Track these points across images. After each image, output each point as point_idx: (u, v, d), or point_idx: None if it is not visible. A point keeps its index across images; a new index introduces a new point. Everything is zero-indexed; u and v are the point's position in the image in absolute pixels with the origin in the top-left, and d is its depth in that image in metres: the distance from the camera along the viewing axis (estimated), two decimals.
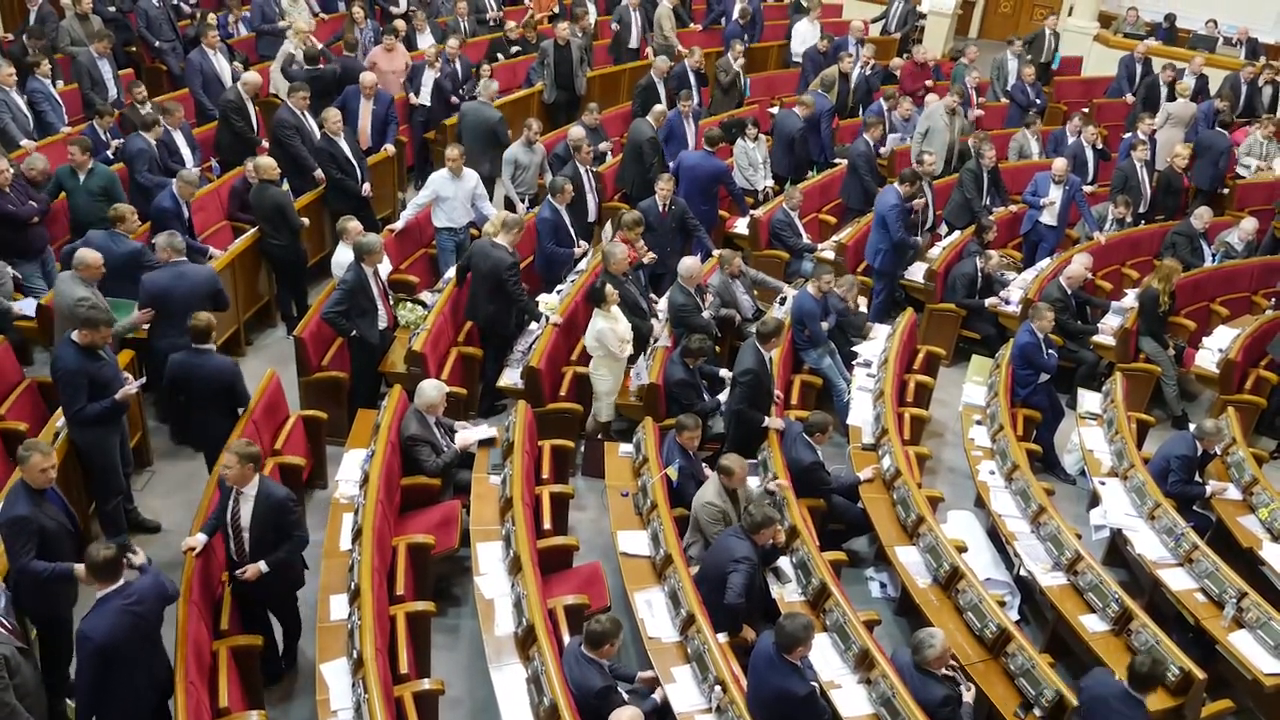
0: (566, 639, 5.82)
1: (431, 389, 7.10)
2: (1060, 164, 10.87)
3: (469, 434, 7.38)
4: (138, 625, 5.05)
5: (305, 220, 9.20)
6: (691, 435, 7.12)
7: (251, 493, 5.70)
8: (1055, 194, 10.82)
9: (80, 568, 5.34)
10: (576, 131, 10.20)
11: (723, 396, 8.04)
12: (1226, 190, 12.66)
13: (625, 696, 5.48)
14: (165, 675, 5.28)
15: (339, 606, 5.91)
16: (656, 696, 5.60)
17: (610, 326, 7.93)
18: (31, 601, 5.63)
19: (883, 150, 11.98)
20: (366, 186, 9.70)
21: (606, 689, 5.36)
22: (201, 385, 6.81)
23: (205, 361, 6.79)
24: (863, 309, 9.61)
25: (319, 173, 9.93)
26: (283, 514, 5.76)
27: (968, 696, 5.73)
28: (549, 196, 9.29)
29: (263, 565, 5.75)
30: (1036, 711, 5.75)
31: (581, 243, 9.52)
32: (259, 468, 5.75)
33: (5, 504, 5.53)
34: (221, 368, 6.87)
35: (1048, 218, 10.93)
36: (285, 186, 9.25)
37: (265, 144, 10.08)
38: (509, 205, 10.47)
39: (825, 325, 8.83)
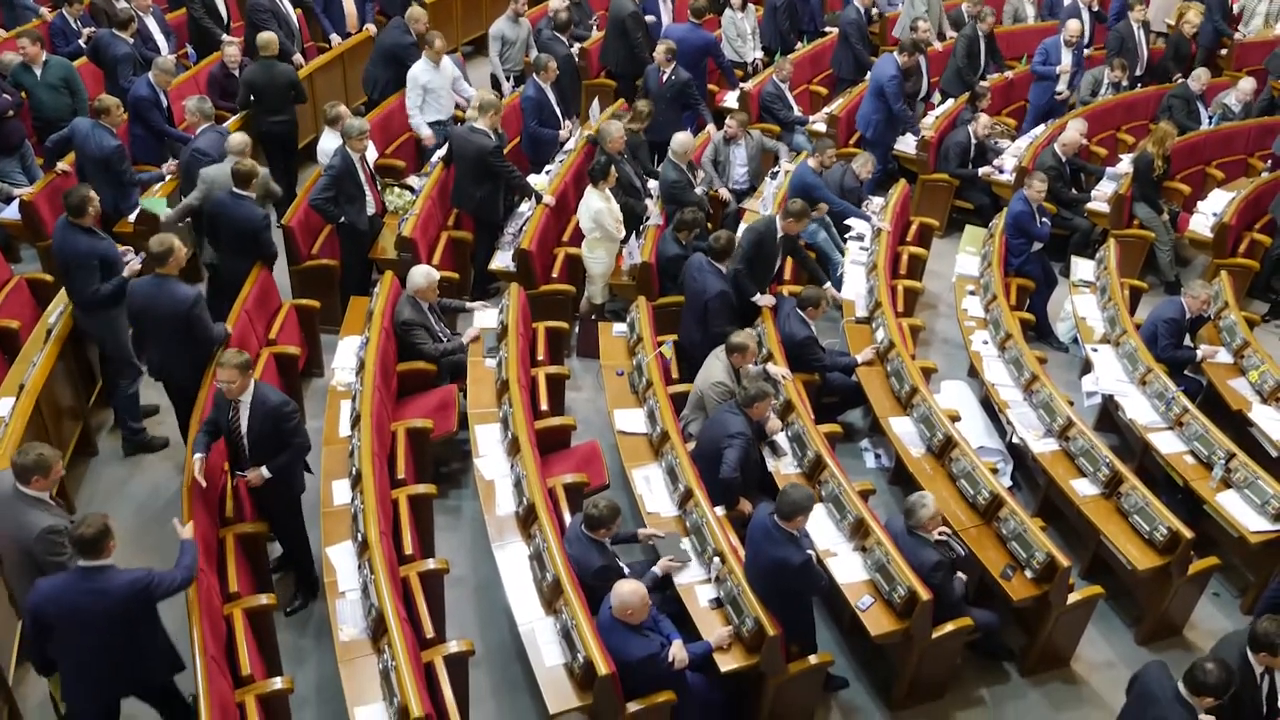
0: (567, 517, 5.92)
1: (421, 276, 7.05)
2: (1074, 25, 10.50)
3: (480, 319, 7.35)
4: (78, 616, 4.49)
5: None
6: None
7: (248, 399, 5.57)
8: (1068, 59, 10.50)
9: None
10: (556, 2, 9.95)
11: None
12: (1225, 50, 12.42)
13: (625, 571, 5.60)
14: (145, 674, 4.85)
15: (341, 491, 5.98)
16: (657, 569, 5.71)
17: (607, 206, 7.85)
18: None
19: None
20: None
21: (605, 568, 5.46)
22: (231, 228, 7.20)
23: (239, 207, 7.16)
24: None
25: (297, 56, 9.85)
26: (280, 420, 5.59)
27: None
28: (533, 74, 9.08)
29: (265, 470, 5.63)
30: (1027, 572, 5.88)
31: (567, 122, 9.35)
32: (251, 373, 5.62)
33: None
34: (250, 215, 7.19)
35: (1063, 86, 10.66)
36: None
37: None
38: (494, 83, 10.25)
39: None
